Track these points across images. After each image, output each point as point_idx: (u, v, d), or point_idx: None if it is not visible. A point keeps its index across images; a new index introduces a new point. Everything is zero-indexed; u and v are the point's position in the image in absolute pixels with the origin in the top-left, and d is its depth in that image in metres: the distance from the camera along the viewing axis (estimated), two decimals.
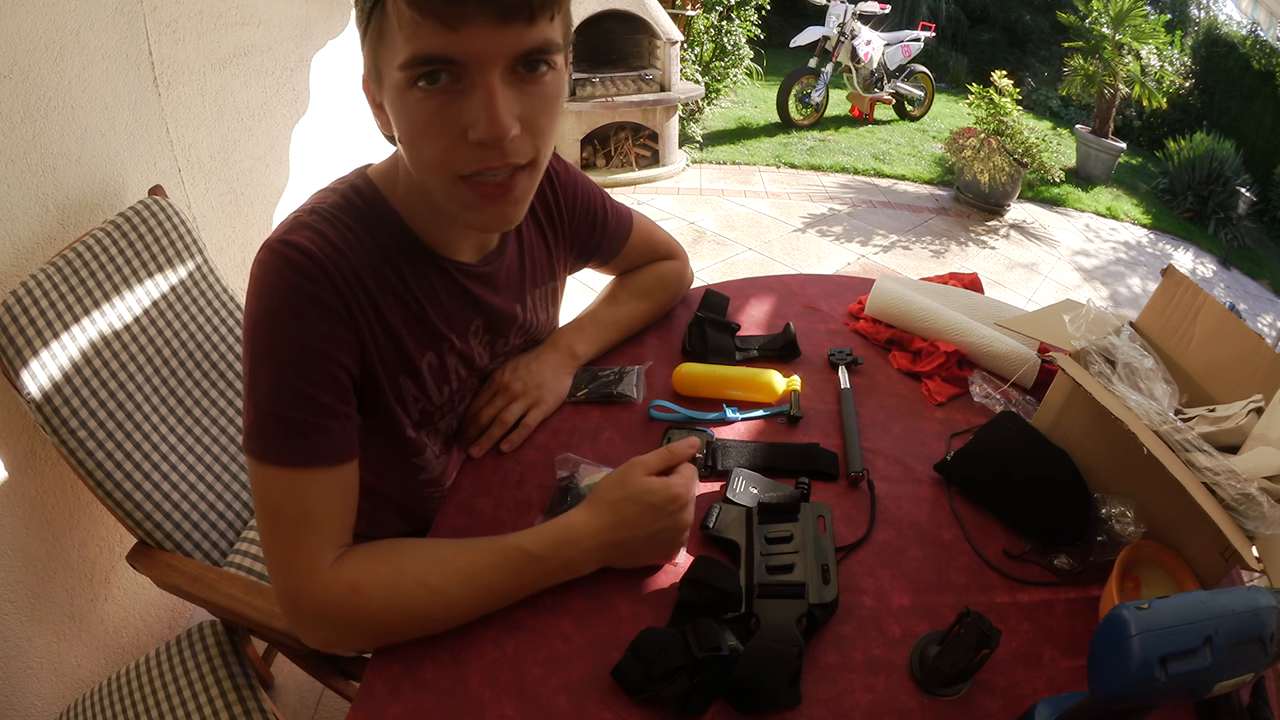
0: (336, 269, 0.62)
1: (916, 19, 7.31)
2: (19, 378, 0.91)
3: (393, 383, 0.71)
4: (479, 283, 0.75)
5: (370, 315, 0.66)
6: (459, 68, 0.53)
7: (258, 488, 0.62)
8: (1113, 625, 0.45)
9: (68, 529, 1.18)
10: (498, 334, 0.81)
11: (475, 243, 0.75)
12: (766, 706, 0.58)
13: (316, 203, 0.66)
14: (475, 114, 0.54)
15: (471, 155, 0.56)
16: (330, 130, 1.92)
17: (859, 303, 1.11)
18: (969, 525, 0.77)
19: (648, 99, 3.85)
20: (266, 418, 0.60)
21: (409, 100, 0.55)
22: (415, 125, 0.56)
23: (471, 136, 0.55)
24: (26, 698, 1.12)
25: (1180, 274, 0.82)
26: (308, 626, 0.62)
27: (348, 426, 0.64)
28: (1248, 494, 0.60)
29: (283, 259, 0.61)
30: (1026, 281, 3.47)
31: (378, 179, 0.69)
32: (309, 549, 0.61)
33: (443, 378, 0.76)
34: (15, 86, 1.01)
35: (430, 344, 0.73)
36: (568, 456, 0.80)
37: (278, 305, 0.61)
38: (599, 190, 0.93)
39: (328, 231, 0.63)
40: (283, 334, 0.61)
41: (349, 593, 0.60)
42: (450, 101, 0.54)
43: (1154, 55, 4.99)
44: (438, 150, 0.57)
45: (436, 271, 0.71)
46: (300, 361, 0.61)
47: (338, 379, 0.63)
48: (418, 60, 0.52)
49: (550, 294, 0.89)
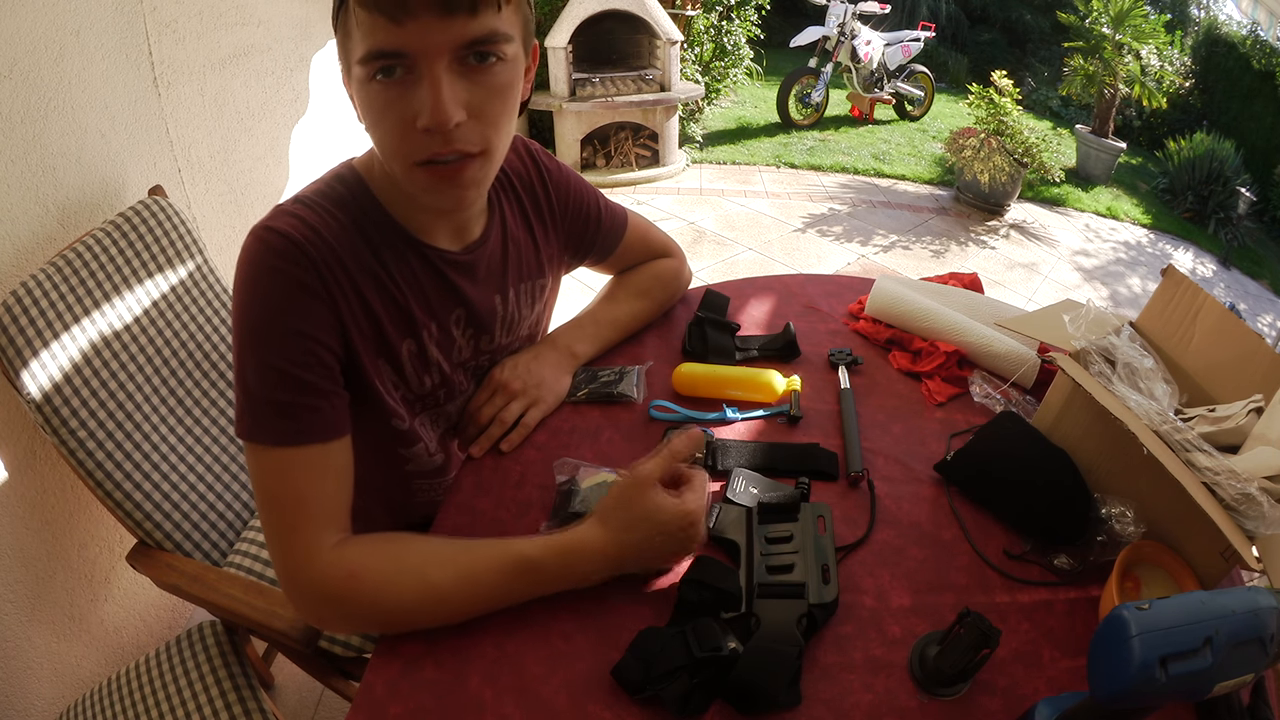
0: (316, 251, 0.64)
1: (916, 19, 7.31)
2: (19, 378, 0.91)
3: (374, 366, 0.71)
4: (459, 271, 0.76)
5: (351, 298, 0.67)
6: (409, 60, 0.57)
7: (254, 471, 0.63)
8: (1113, 625, 0.45)
9: (68, 529, 1.18)
10: (481, 329, 0.81)
11: (451, 229, 0.76)
12: (766, 706, 0.58)
13: (301, 193, 0.69)
14: (422, 103, 0.58)
15: (420, 142, 0.60)
16: (330, 130, 1.92)
17: (859, 303, 1.11)
18: (969, 525, 0.77)
19: (648, 99, 3.85)
20: (256, 400, 0.62)
21: (369, 92, 0.59)
22: (374, 115, 0.61)
23: (419, 124, 0.58)
24: (26, 698, 1.12)
25: (1180, 274, 0.82)
26: (304, 605, 0.64)
27: (337, 404, 0.66)
28: (1248, 494, 0.60)
29: (264, 244, 0.63)
30: (1026, 281, 3.47)
31: (360, 167, 0.72)
32: (307, 530, 0.62)
33: (424, 367, 0.77)
34: (15, 86, 1.02)
35: (410, 330, 0.73)
36: (565, 461, 0.79)
37: (262, 289, 0.63)
38: (592, 188, 0.93)
39: (308, 217, 0.65)
40: (266, 317, 0.62)
41: (346, 578, 0.61)
42: (404, 93, 0.58)
43: (1154, 55, 4.99)
44: (394, 138, 0.61)
45: (417, 257, 0.73)
46: (284, 342, 0.62)
47: (322, 358, 0.64)
48: (371, 55, 0.56)
49: (537, 290, 0.88)
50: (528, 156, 0.86)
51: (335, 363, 0.66)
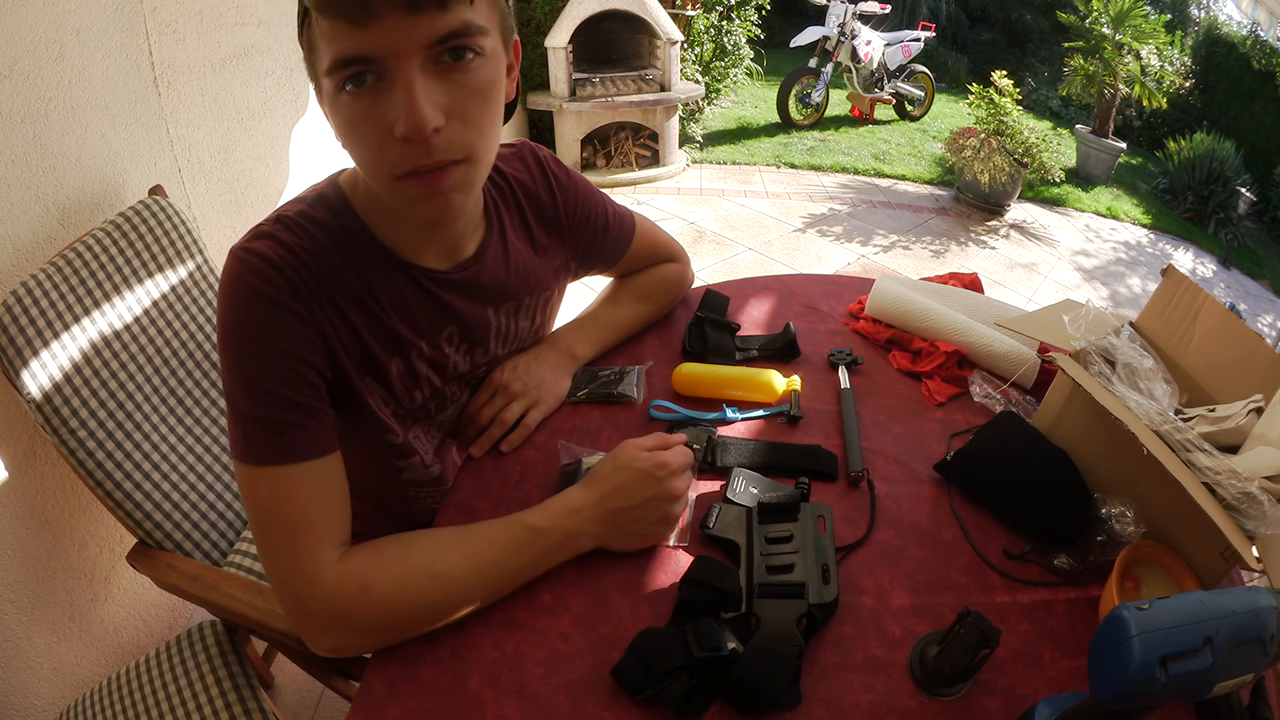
0: (294, 273, 0.62)
1: (916, 19, 7.31)
2: (19, 378, 0.91)
3: (364, 384, 0.71)
4: (450, 290, 0.74)
5: (334, 318, 0.66)
6: (378, 65, 0.53)
7: (248, 493, 0.61)
8: (1113, 625, 0.45)
9: (68, 529, 1.18)
10: (476, 342, 0.80)
11: (441, 247, 0.73)
12: (766, 706, 0.58)
13: (283, 211, 0.67)
14: (397, 110, 0.54)
15: (399, 154, 0.56)
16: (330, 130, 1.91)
17: (859, 303, 1.11)
18: (969, 525, 0.77)
19: (648, 99, 3.85)
20: (246, 420, 0.61)
21: (339, 105, 0.56)
22: (347, 128, 0.57)
23: (396, 133, 0.54)
24: (26, 698, 1.12)
25: (1180, 274, 0.82)
26: (318, 633, 0.61)
27: (324, 421, 0.65)
28: (1248, 493, 0.60)
29: (244, 265, 0.62)
30: (1026, 281, 3.47)
31: (345, 184, 0.69)
32: (310, 550, 0.60)
33: (413, 384, 0.75)
34: (15, 86, 1.02)
35: (397, 350, 0.72)
36: (569, 445, 0.81)
37: (244, 311, 0.61)
38: (600, 195, 0.92)
39: (286, 238, 0.63)
40: (249, 337, 0.61)
41: (360, 593, 0.60)
42: (376, 102, 0.54)
43: (1154, 55, 4.99)
44: (370, 152, 0.57)
45: (403, 277, 0.70)
46: (269, 362, 0.61)
47: (307, 377, 0.63)
48: (337, 64, 0.53)
49: (540, 303, 0.87)
50: (535, 164, 0.84)
51: (321, 381, 0.65)
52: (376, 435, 0.75)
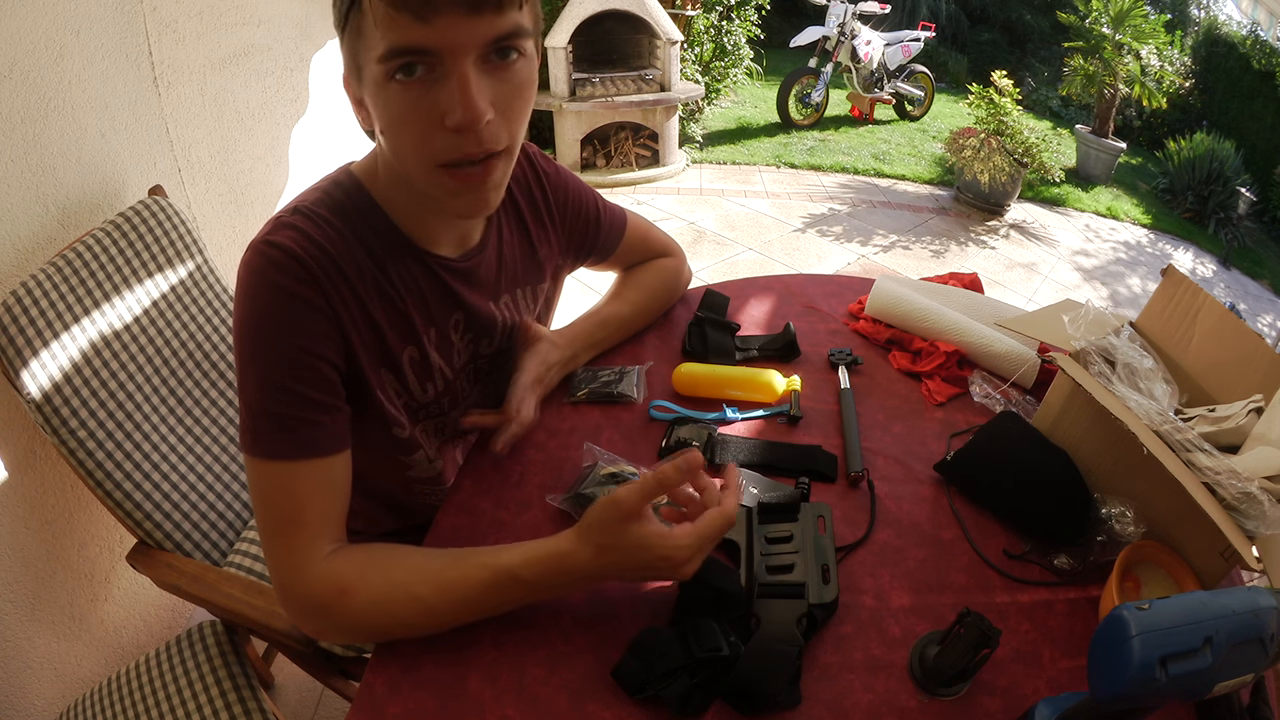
0: (318, 265, 0.63)
1: (916, 19, 7.30)
2: (19, 378, 0.91)
3: (377, 376, 0.71)
4: (458, 278, 0.76)
5: (354, 309, 0.67)
6: (433, 58, 0.55)
7: (253, 483, 0.64)
8: (1113, 625, 0.45)
9: (68, 529, 1.18)
10: (480, 333, 0.81)
11: (455, 236, 0.75)
12: (766, 706, 0.58)
13: (299, 202, 0.68)
14: (451, 101, 0.56)
15: (449, 143, 0.58)
16: (330, 130, 1.92)
17: (859, 303, 1.11)
18: (969, 525, 0.77)
19: (648, 99, 3.84)
20: (257, 414, 0.62)
21: (388, 93, 0.57)
22: (395, 116, 0.58)
23: (448, 123, 0.56)
24: (26, 698, 1.12)
25: (1180, 274, 0.82)
26: (298, 619, 0.64)
27: (337, 419, 0.65)
28: (1249, 493, 0.60)
29: (265, 259, 0.62)
30: (1026, 281, 3.47)
31: (360, 174, 0.70)
32: (300, 544, 0.62)
33: (426, 374, 0.76)
34: (15, 86, 1.02)
35: (411, 337, 0.73)
36: (591, 447, 0.81)
37: (262, 305, 0.62)
38: (590, 189, 0.94)
39: (308, 229, 0.64)
40: (268, 333, 0.62)
41: (338, 595, 0.61)
42: (427, 91, 0.56)
43: (1154, 55, 4.98)
44: (417, 139, 0.59)
45: (418, 264, 0.72)
46: (286, 359, 0.62)
47: (324, 373, 0.64)
48: (394, 52, 0.54)
49: (536, 294, 0.88)
50: (524, 160, 0.85)
51: (337, 376, 0.66)
52: (384, 429, 0.75)
